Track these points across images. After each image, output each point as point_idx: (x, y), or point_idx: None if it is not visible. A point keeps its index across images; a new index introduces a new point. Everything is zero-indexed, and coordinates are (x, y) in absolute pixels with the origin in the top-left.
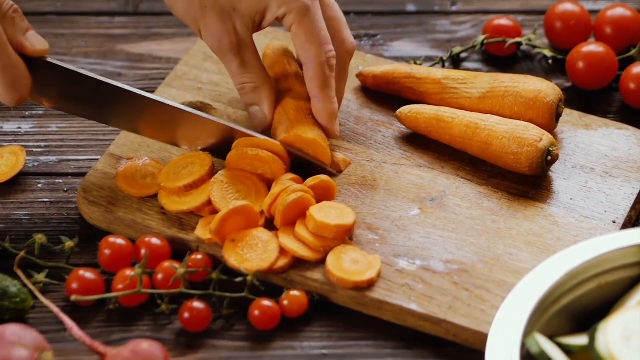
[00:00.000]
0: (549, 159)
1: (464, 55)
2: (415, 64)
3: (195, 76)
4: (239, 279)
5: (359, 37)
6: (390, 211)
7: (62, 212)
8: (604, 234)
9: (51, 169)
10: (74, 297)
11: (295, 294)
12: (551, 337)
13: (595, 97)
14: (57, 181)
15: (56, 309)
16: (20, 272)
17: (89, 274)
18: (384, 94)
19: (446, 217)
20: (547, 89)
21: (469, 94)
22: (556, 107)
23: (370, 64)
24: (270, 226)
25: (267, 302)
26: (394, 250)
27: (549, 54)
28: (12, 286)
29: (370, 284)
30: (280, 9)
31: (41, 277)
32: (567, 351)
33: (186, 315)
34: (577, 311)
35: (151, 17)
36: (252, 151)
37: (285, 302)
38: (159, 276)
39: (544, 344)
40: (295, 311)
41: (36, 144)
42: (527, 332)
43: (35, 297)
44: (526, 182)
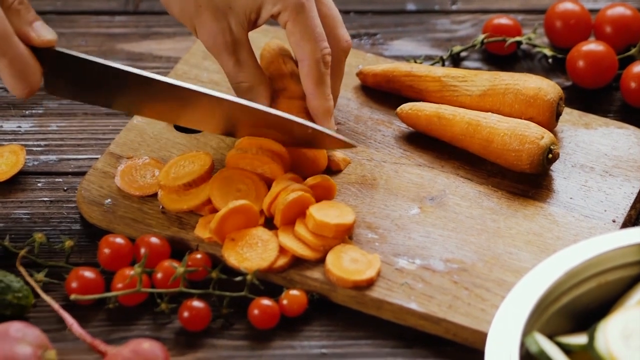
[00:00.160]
0: (550, 157)
1: (464, 54)
2: (415, 62)
3: (195, 75)
4: (239, 278)
5: (359, 36)
6: (390, 210)
7: (62, 211)
8: (603, 233)
9: (51, 168)
10: (73, 296)
11: (294, 293)
12: (551, 336)
13: (595, 96)
14: (57, 180)
15: (56, 306)
16: (22, 269)
17: (88, 273)
18: (383, 93)
19: (446, 216)
20: (547, 87)
21: (469, 91)
22: (556, 105)
23: (370, 63)
24: (270, 225)
25: (266, 301)
26: (394, 249)
27: (549, 53)
28: (15, 281)
29: (369, 283)
30: (275, 6)
31: (41, 276)
32: (567, 350)
33: (186, 314)
34: (577, 310)
35: (151, 16)
36: (252, 150)
37: (284, 301)
38: (159, 275)
39: (543, 343)
40: (294, 310)
41: (36, 143)
42: (527, 331)
43: (36, 294)
44: (526, 181)
